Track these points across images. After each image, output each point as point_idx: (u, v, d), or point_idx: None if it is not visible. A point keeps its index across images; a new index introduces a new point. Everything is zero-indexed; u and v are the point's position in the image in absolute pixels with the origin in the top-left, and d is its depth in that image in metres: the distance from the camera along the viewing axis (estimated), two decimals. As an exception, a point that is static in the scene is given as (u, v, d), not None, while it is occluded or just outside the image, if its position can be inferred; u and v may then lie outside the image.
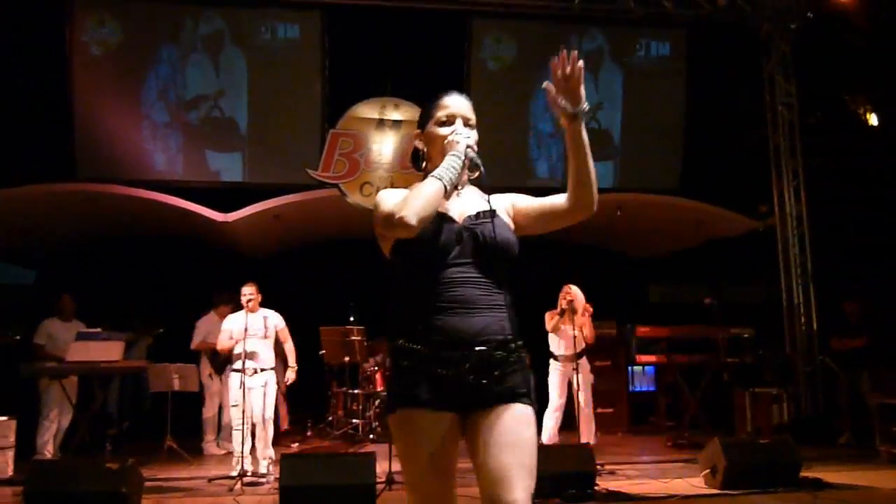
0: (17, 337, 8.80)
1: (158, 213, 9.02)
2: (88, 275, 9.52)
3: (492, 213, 2.03)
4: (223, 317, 6.87)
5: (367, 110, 9.05)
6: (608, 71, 9.90)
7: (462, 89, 2.18)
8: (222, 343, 6.38)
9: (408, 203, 1.89)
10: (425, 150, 2.19)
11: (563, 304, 6.81)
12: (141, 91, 9.01)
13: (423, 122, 2.19)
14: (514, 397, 1.93)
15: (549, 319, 6.93)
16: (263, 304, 6.49)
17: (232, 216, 8.81)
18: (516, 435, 1.90)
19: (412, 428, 1.94)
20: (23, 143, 8.71)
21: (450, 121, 2.11)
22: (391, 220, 1.89)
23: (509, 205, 2.17)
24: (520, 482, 1.84)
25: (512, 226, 2.10)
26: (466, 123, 2.12)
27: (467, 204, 2.09)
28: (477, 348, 1.92)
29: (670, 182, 9.88)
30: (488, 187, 2.06)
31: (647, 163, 9.98)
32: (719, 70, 10.32)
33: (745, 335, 8.67)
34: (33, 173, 8.35)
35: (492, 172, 2.02)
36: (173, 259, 10.35)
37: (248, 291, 6.34)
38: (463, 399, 1.93)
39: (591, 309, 7.03)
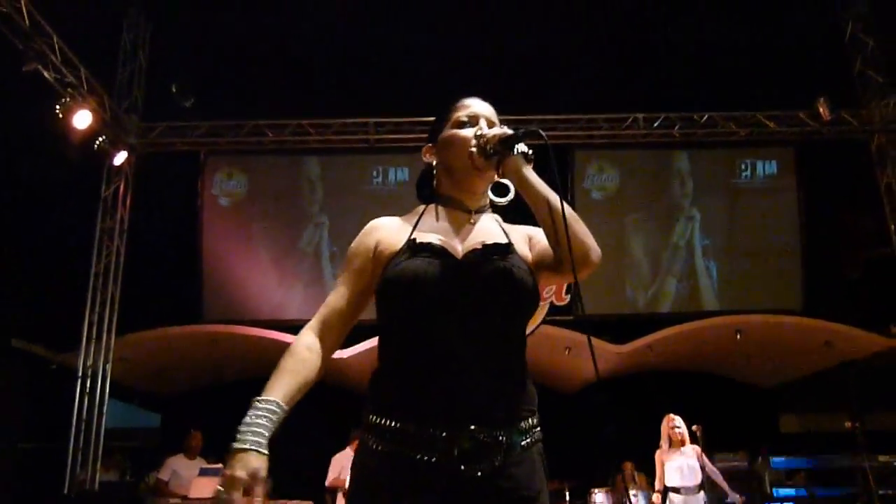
0: (143, 476, 9.01)
1: (276, 351, 9.33)
2: (211, 417, 9.77)
3: (506, 248, 1.55)
4: None
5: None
6: (710, 192, 9.81)
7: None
8: (329, 478, 6.39)
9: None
10: (437, 163, 1.71)
11: (669, 434, 6.36)
12: (265, 237, 9.62)
13: (435, 132, 1.72)
14: (521, 502, 1.41)
15: (660, 455, 6.44)
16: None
17: (347, 353, 8.98)
18: None
19: None
20: (153, 290, 9.34)
21: (472, 121, 1.67)
22: None
23: (527, 237, 1.68)
24: None
25: (530, 265, 1.58)
26: (492, 127, 1.67)
27: (476, 234, 1.60)
28: (472, 426, 1.39)
29: (792, 302, 9.46)
30: (511, 212, 1.67)
31: (764, 284, 9.63)
32: (833, 183, 10.00)
33: (896, 463, 7.86)
34: (162, 317, 8.92)
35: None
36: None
37: None
38: (448, 498, 1.37)
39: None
